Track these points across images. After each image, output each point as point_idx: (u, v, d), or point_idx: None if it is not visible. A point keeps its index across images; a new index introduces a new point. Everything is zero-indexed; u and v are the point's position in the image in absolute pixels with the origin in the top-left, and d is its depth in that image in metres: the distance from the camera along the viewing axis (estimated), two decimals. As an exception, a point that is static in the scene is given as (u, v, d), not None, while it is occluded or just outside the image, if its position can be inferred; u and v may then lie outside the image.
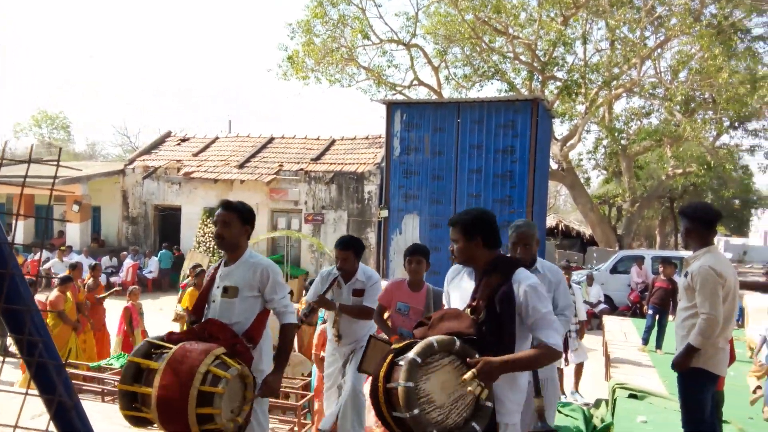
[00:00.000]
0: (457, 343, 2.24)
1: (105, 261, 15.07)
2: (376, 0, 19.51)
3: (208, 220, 15.42)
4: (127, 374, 2.55)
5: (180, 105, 69.23)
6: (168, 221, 16.56)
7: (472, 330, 2.29)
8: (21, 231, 16.42)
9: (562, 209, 39.34)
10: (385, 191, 14.69)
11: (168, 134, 18.79)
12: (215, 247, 14.92)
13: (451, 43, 21.39)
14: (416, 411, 2.09)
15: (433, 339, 2.21)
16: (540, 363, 2.35)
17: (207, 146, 17.60)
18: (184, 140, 18.31)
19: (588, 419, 6.03)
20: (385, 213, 14.63)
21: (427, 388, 2.15)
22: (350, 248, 4.13)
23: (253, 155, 16.46)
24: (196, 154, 17.06)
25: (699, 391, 3.54)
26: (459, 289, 2.73)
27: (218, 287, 3.02)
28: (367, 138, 16.68)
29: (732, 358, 4.79)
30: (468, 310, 2.38)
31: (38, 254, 14.48)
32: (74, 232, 15.89)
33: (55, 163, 1.08)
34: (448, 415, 2.17)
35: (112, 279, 14.41)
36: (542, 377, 3.28)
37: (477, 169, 14.05)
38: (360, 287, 4.13)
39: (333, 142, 16.84)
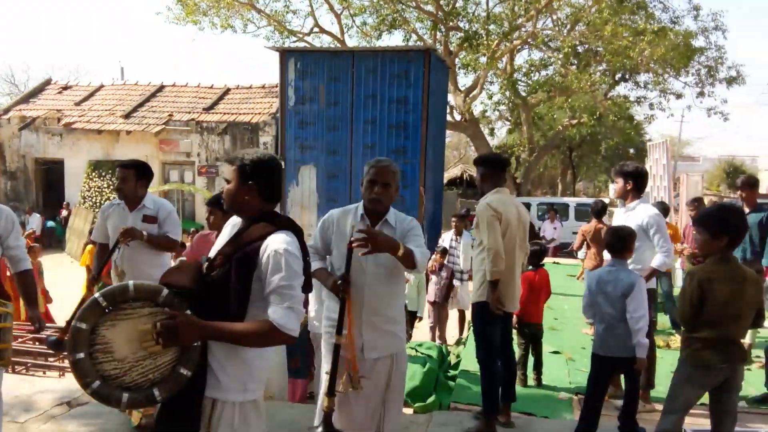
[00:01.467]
0: (164, 293, 1.95)
1: (-22, 219, 14.04)
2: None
3: (94, 174, 14.66)
4: None
5: (68, 51, 64.44)
6: (50, 175, 15.59)
7: (187, 284, 2.03)
8: None
9: (472, 160, 40.24)
10: (280, 142, 14.40)
11: (48, 81, 17.48)
12: (101, 201, 14.25)
13: (354, -11, 20.93)
14: (80, 355, 1.86)
15: (131, 282, 1.96)
16: (257, 341, 2.02)
17: (91, 95, 16.54)
18: (66, 88, 17.11)
19: (445, 356, 6.39)
20: (281, 165, 14.43)
21: (108, 335, 1.90)
22: (131, 168, 3.87)
23: (141, 104, 15.65)
24: (78, 104, 16.01)
25: (486, 323, 3.79)
26: None
27: None
28: (263, 87, 16.24)
29: (547, 293, 5.18)
30: (206, 264, 2.12)
31: None
32: (-59, 189, 14.68)
33: None
34: (128, 372, 1.90)
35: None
36: (390, 352, 2.84)
37: (372, 119, 13.87)
38: (150, 214, 3.88)
39: (227, 91, 16.27)
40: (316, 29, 20.59)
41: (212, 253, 2.18)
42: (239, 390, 2.07)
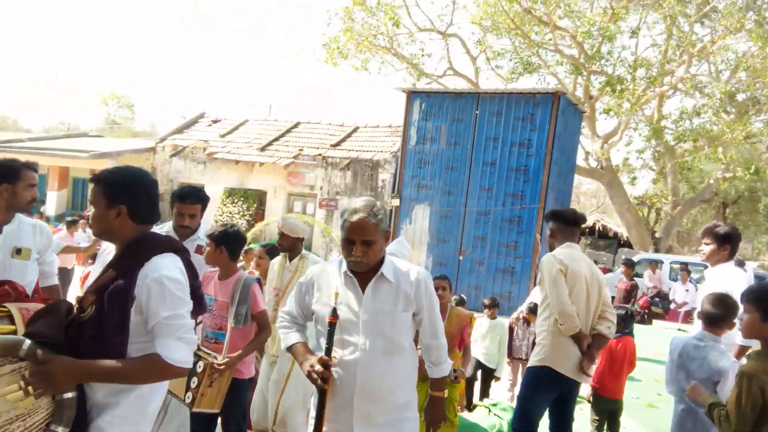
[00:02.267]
0: (26, 345, 1.71)
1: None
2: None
3: (228, 200, 15.84)
4: None
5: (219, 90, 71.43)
6: (192, 199, 17.09)
7: (51, 331, 1.78)
8: (54, 201, 17.43)
9: (611, 209, 37.84)
10: (398, 180, 14.62)
11: (201, 115, 19.36)
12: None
13: (493, 33, 20.94)
14: None
15: None
16: (146, 377, 1.82)
17: (235, 128, 18.01)
18: (215, 122, 18.81)
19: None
20: (396, 202, 14.56)
21: None
22: (197, 202, 3.55)
23: (276, 139, 16.71)
24: (223, 136, 17.50)
25: (535, 391, 3.36)
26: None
27: None
28: (389, 126, 16.60)
29: (630, 364, 4.52)
30: (76, 305, 1.89)
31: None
32: (103, 205, 16.65)
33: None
34: None
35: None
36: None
37: (491, 161, 13.76)
38: (203, 244, 3.58)
39: (356, 129, 16.86)
40: (450, 72, 20.84)
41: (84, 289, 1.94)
42: None
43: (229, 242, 3.33)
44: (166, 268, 1.85)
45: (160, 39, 76.08)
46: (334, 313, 2.15)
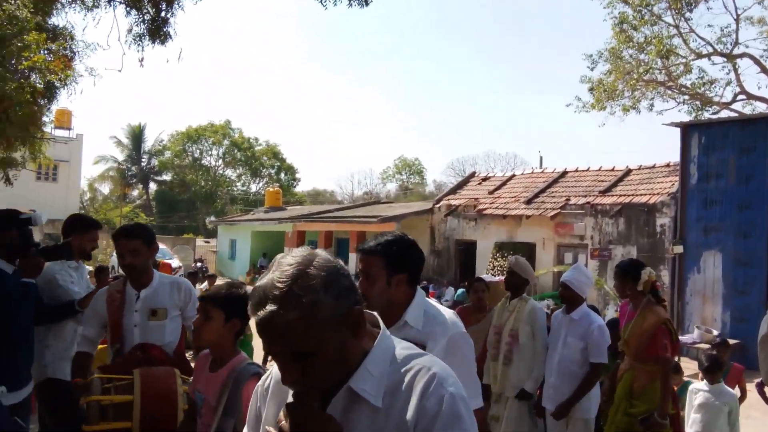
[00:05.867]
0: None
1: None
2: (686, 14, 17.60)
3: (498, 254, 16.26)
4: (94, 415, 2.51)
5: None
6: (466, 254, 18.00)
7: None
8: (353, 262, 20.20)
9: None
10: (680, 224, 13.14)
11: (472, 175, 20.50)
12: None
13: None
14: None
15: None
16: None
17: (503, 184, 18.55)
18: (485, 179, 19.68)
19: None
20: (679, 249, 13.05)
21: None
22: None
23: (543, 190, 16.68)
24: (491, 192, 18.17)
25: None
26: None
27: (137, 311, 2.92)
28: (667, 165, 15.17)
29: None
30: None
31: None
32: (390, 264, 18.64)
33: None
34: None
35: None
36: None
37: (800, 194, 11.46)
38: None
39: (628, 172, 15.83)
40: (742, 96, 18.22)
41: None
42: None
43: (228, 306, 2.29)
44: None
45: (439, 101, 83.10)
46: None
